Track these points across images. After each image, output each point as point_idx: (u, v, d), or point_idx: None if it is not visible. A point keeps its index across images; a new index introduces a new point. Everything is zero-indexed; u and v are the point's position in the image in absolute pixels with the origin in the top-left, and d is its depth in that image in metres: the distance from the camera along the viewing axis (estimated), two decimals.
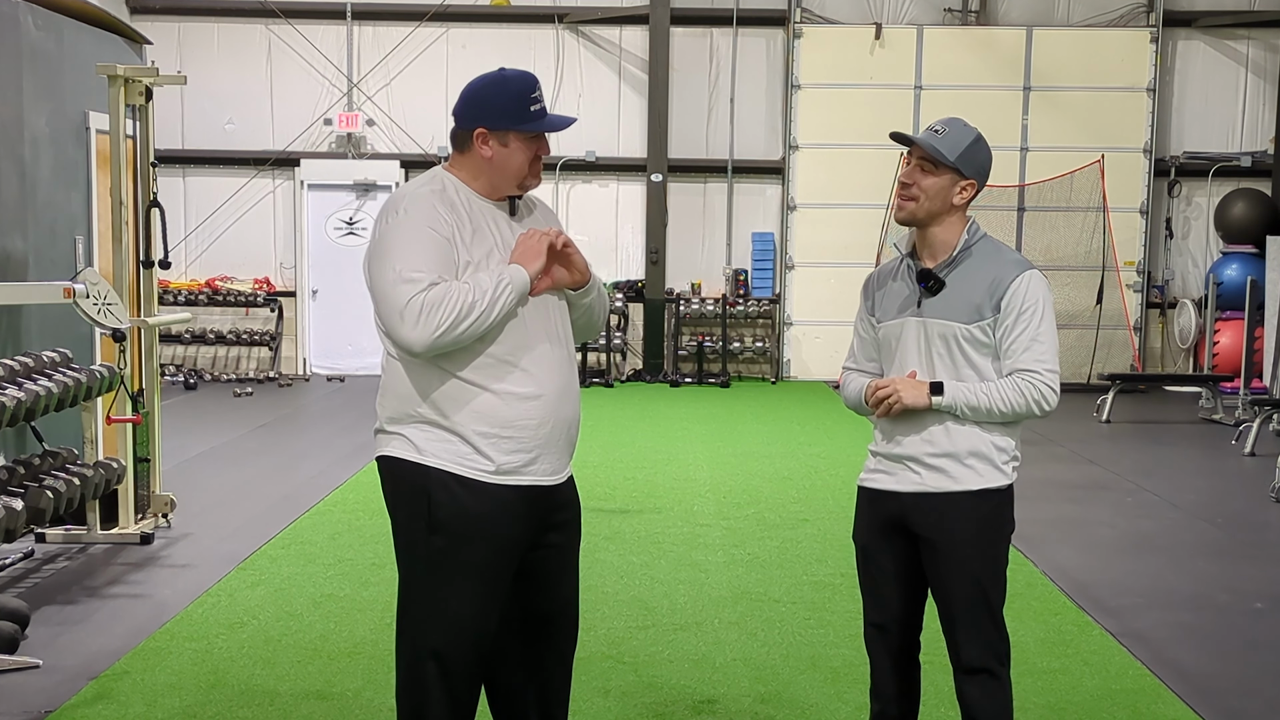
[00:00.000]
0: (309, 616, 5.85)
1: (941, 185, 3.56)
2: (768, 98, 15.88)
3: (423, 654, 3.41)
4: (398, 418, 3.40)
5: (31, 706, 4.70)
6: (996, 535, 3.63)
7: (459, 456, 3.33)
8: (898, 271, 3.73)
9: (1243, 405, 12.29)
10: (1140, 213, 15.61)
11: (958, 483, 3.56)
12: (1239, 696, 5.03)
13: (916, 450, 3.59)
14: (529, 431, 3.36)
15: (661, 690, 4.95)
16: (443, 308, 3.19)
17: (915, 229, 3.65)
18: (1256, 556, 7.39)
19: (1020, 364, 3.52)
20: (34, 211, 7.32)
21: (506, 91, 3.42)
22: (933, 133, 3.58)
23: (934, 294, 3.59)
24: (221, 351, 15.77)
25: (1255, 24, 15.65)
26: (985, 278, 3.56)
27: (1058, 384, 3.56)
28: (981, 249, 3.63)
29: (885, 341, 3.70)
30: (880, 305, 3.74)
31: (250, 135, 15.66)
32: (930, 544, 3.59)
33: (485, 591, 3.40)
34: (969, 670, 3.61)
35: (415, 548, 3.42)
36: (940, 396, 3.52)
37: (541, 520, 3.47)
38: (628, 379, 15.64)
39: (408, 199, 3.38)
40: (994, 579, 3.62)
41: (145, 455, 7.38)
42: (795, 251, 15.72)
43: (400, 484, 3.41)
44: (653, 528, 7.68)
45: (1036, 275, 3.58)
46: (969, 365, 3.57)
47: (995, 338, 3.55)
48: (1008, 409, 3.52)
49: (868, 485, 3.74)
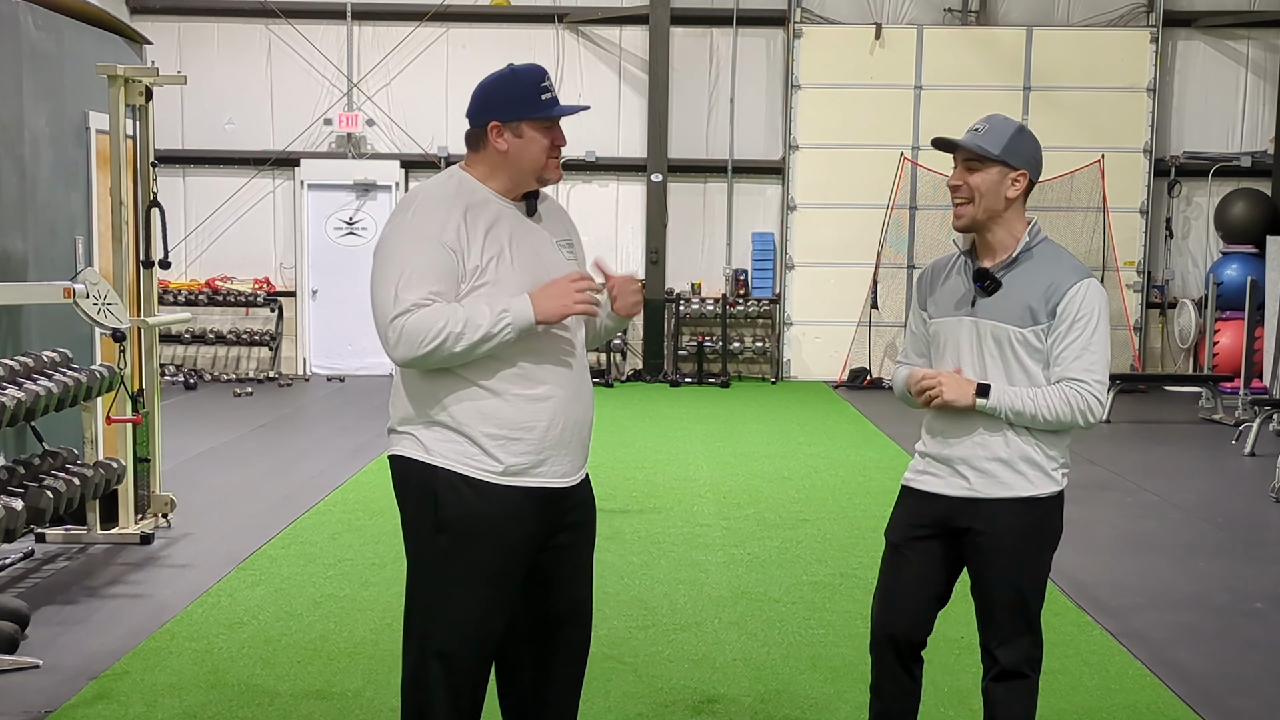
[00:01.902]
0: (309, 616, 5.85)
1: (991, 180, 3.52)
2: (768, 98, 15.89)
3: (428, 654, 3.40)
4: (408, 418, 3.40)
5: (31, 706, 4.69)
6: (1044, 541, 3.60)
7: (466, 457, 3.33)
8: (954, 267, 3.67)
9: (1243, 405, 12.29)
10: (1140, 213, 15.61)
11: (1008, 488, 3.52)
12: (1239, 696, 5.03)
13: (967, 454, 3.54)
14: (538, 433, 3.35)
15: (661, 690, 4.95)
16: (427, 332, 3.19)
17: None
18: (1256, 556, 7.39)
19: (1069, 373, 3.47)
20: (34, 211, 7.31)
21: (517, 83, 3.40)
22: (973, 131, 3.53)
23: (989, 294, 3.53)
24: (221, 351, 15.77)
25: (1255, 24, 15.66)
26: (1042, 282, 3.50)
27: (1105, 396, 3.53)
28: (1042, 252, 3.57)
29: (936, 338, 3.65)
30: (934, 301, 3.68)
31: (250, 135, 15.67)
32: (976, 545, 3.55)
33: (491, 593, 3.38)
34: (1003, 674, 3.59)
35: (422, 547, 3.42)
36: (985, 399, 3.47)
37: (551, 522, 3.45)
38: (628, 379, 15.64)
39: (421, 198, 3.37)
40: (1036, 585, 3.61)
41: (145, 455, 7.38)
42: (795, 251, 15.72)
43: (409, 484, 3.41)
44: (653, 528, 7.68)
45: (1094, 284, 3.52)
46: (1020, 369, 3.52)
47: (1047, 344, 3.50)
48: (1052, 417, 3.47)
49: (914, 486, 3.69)
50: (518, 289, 3.30)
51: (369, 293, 3.35)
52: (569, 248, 3.55)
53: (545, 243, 3.47)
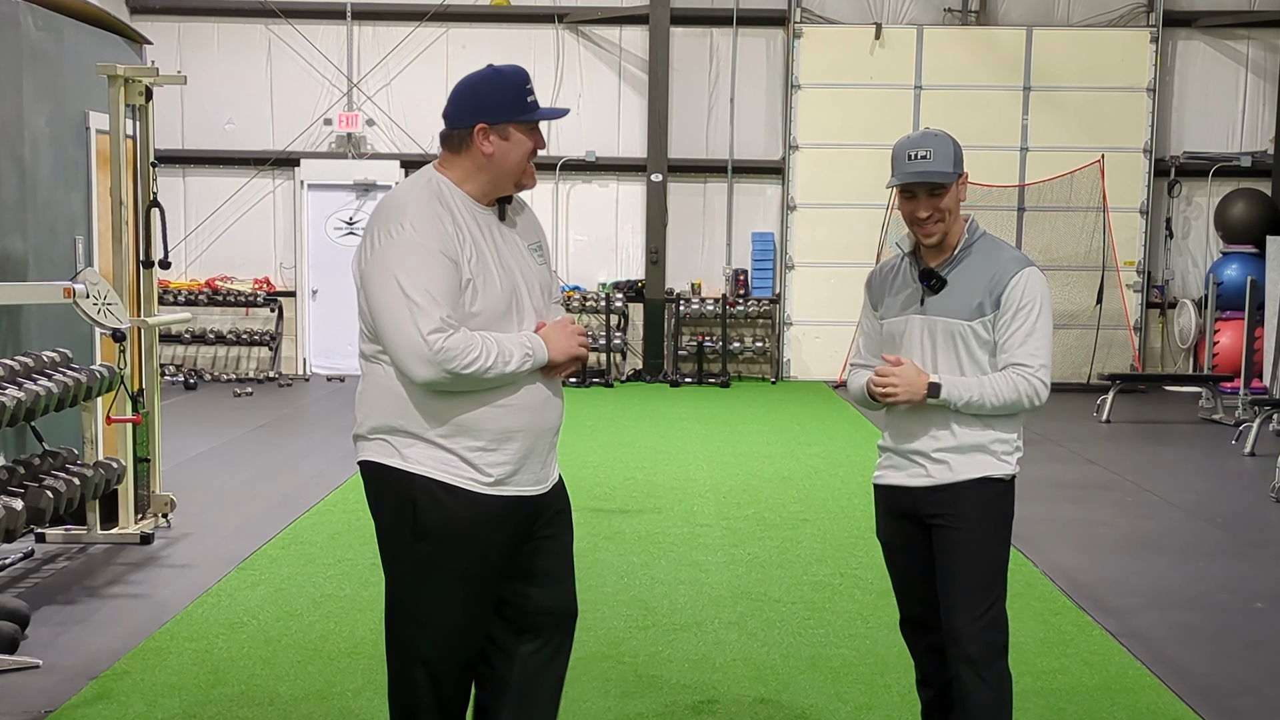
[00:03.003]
0: (309, 616, 5.85)
1: (953, 196, 3.68)
2: (768, 98, 15.88)
3: (411, 660, 3.40)
4: (379, 427, 3.35)
5: (31, 706, 4.70)
6: (999, 523, 3.71)
7: (443, 464, 3.29)
8: (899, 269, 3.83)
9: (1243, 405, 12.29)
10: (1140, 213, 15.61)
11: (961, 473, 3.65)
12: (1239, 696, 5.03)
13: (923, 446, 3.69)
14: (514, 444, 3.34)
15: (661, 690, 4.95)
16: (466, 354, 3.17)
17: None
18: (1256, 556, 7.39)
19: (1015, 358, 3.62)
20: (34, 211, 7.31)
21: (503, 85, 3.35)
22: (922, 160, 3.62)
23: (936, 292, 3.69)
24: (221, 351, 15.77)
25: (1255, 24, 15.65)
26: (985, 275, 3.65)
27: (1049, 379, 3.65)
28: (981, 246, 3.72)
29: (889, 337, 3.80)
30: (883, 302, 3.83)
31: (250, 135, 15.66)
32: (939, 531, 3.68)
33: (472, 598, 3.38)
34: (968, 659, 3.63)
35: (401, 555, 3.38)
36: (936, 398, 3.61)
37: (526, 527, 3.44)
38: (628, 379, 15.64)
39: (412, 211, 3.26)
40: (996, 566, 3.70)
41: (145, 455, 7.38)
42: (795, 251, 15.72)
43: (384, 491, 3.37)
44: (653, 528, 7.68)
45: (1035, 272, 3.67)
46: (971, 361, 3.66)
47: (994, 332, 3.64)
48: (1000, 402, 3.60)
49: (880, 482, 3.85)
50: (497, 300, 3.29)
51: (369, 306, 3.26)
52: (539, 250, 3.53)
53: (518, 249, 3.43)
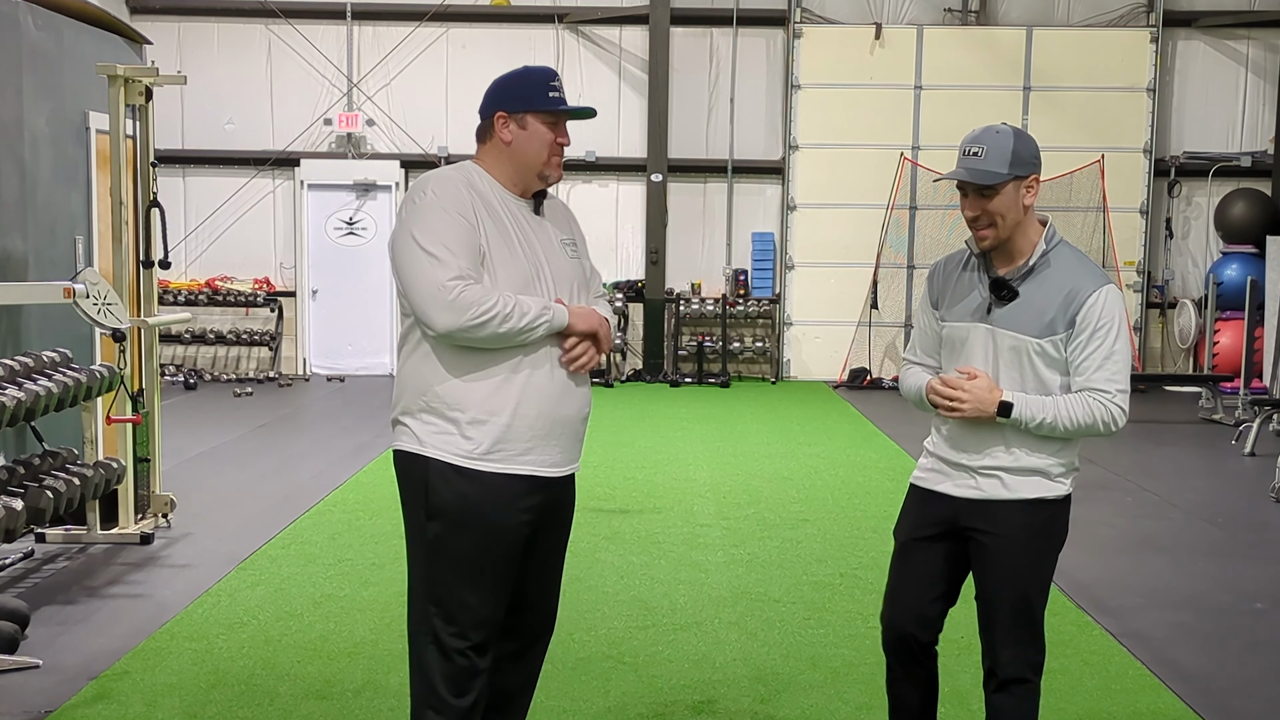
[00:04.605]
0: (309, 616, 5.85)
1: (1009, 199, 3.49)
2: (768, 98, 15.88)
3: (429, 642, 3.46)
4: (405, 406, 3.49)
5: (31, 706, 4.69)
6: (1049, 544, 3.59)
7: (452, 444, 3.39)
8: (966, 265, 3.63)
9: (1243, 405, 12.29)
10: (1140, 213, 15.61)
11: (1015, 491, 3.51)
12: (1239, 696, 5.03)
13: (976, 461, 3.54)
14: (527, 421, 3.40)
15: (661, 690, 4.95)
16: (481, 304, 3.27)
17: None
18: (1256, 556, 7.39)
19: (1092, 383, 3.44)
20: (34, 211, 7.31)
21: (526, 79, 3.52)
22: (973, 157, 3.48)
23: (1006, 303, 3.50)
24: (221, 351, 15.77)
25: (1255, 24, 15.65)
26: (1060, 290, 3.46)
27: (1127, 405, 3.49)
28: (1059, 257, 3.53)
29: (949, 341, 3.62)
30: (946, 301, 3.65)
31: (250, 135, 15.66)
32: (981, 547, 3.55)
33: (484, 579, 3.43)
34: (1005, 680, 3.57)
35: (417, 536, 3.49)
36: (1007, 418, 3.45)
37: (539, 510, 3.49)
38: (628, 379, 15.64)
39: (435, 180, 3.45)
40: (1040, 588, 3.59)
41: (145, 455, 7.38)
42: (795, 251, 15.72)
43: (407, 476, 3.50)
44: (653, 528, 7.68)
45: (1113, 291, 3.48)
46: (1036, 379, 3.49)
47: (1066, 353, 3.47)
48: (1074, 427, 3.44)
49: (922, 485, 3.69)
50: (516, 276, 3.39)
51: (395, 273, 3.41)
52: (572, 246, 3.62)
53: (548, 238, 3.54)
